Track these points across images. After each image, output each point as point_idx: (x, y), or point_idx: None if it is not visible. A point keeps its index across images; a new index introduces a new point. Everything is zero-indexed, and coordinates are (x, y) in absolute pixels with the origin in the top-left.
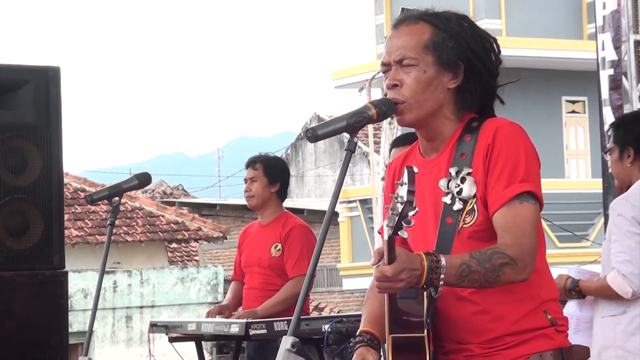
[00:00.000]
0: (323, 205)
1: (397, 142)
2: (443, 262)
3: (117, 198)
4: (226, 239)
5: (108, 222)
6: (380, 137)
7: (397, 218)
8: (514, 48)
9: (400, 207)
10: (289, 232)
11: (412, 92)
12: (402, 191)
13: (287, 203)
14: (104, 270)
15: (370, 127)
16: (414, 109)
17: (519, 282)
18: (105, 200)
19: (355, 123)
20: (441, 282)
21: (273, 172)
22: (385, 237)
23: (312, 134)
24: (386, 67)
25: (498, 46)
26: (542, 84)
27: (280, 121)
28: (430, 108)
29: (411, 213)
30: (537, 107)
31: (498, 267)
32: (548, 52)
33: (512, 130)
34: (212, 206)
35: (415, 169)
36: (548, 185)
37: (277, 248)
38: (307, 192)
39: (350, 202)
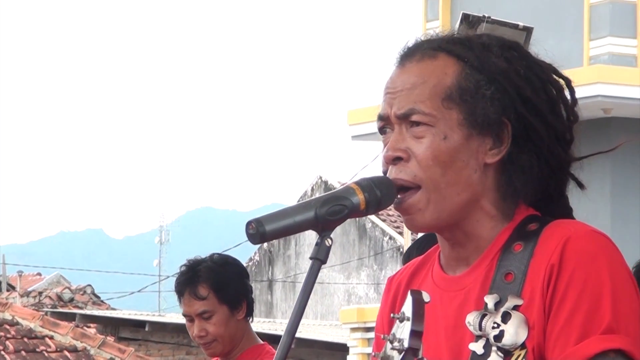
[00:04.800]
0: (328, 332)
1: (414, 250)
2: None
3: None
4: None
5: None
6: None
7: None
8: None
9: (397, 357)
10: None
11: (427, 170)
12: (403, 331)
13: (268, 326)
14: None
15: None
16: (432, 203)
17: None
18: None
19: (328, 215)
20: None
21: (231, 288)
22: None
23: (256, 230)
24: (384, 122)
25: (573, 92)
26: None
27: (266, 189)
28: (457, 199)
29: None
30: None
31: None
32: None
33: (594, 246)
34: (138, 324)
35: (426, 297)
36: None
37: None
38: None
39: (368, 329)
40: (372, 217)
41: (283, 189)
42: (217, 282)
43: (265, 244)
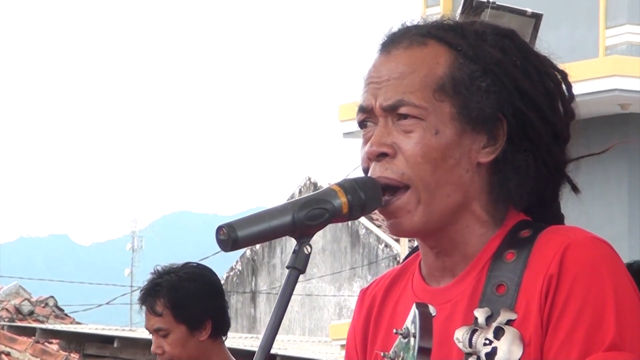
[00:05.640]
0: (316, 349)
1: None
2: None
3: None
4: None
5: None
6: None
7: None
8: None
9: None
10: None
11: (416, 168)
12: (407, 349)
13: (250, 342)
14: None
15: None
16: (422, 204)
17: None
18: None
19: (306, 220)
20: None
21: (190, 307)
22: None
23: (228, 236)
24: (367, 115)
25: (569, 86)
26: None
27: (249, 191)
28: (447, 200)
29: None
30: None
31: None
32: None
33: (596, 255)
34: (106, 340)
35: (432, 310)
36: None
37: None
38: (288, 324)
39: None
40: (366, 223)
41: (268, 191)
42: (174, 300)
43: (248, 252)
